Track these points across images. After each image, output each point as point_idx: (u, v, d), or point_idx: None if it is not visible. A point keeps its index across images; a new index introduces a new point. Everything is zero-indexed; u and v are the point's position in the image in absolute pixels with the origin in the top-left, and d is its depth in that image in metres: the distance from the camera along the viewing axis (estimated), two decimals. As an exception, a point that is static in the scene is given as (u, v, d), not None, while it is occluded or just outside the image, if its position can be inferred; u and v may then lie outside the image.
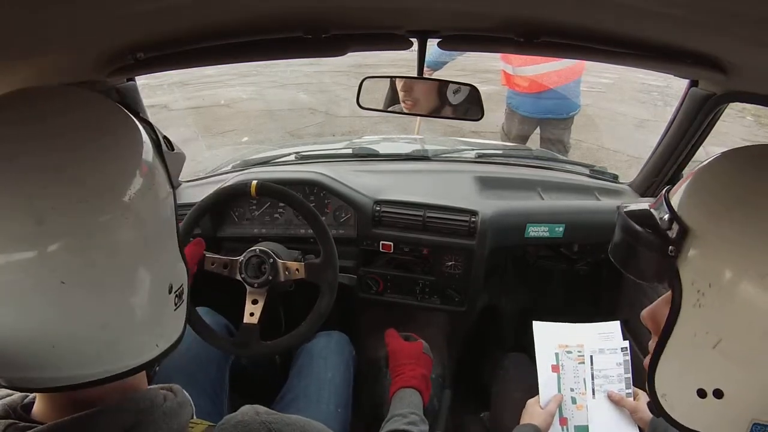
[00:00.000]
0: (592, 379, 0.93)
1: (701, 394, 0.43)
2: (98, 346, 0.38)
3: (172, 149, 0.47)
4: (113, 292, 0.38)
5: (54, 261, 0.35)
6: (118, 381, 0.41)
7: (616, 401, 0.91)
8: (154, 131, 0.44)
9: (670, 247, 0.43)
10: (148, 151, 0.42)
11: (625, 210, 0.49)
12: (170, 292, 0.44)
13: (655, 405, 0.48)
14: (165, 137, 0.47)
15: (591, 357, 0.95)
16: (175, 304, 0.45)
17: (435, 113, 1.01)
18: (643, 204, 0.50)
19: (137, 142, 0.42)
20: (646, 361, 0.51)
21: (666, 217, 0.45)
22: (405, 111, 1.01)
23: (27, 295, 0.35)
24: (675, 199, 0.46)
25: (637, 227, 0.46)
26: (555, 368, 0.95)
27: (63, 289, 0.35)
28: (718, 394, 0.42)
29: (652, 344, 0.50)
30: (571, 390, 0.93)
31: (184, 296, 0.47)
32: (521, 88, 2.38)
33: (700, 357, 0.43)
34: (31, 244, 0.34)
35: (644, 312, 0.52)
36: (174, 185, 0.45)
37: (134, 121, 0.43)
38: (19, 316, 0.35)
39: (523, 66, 2.31)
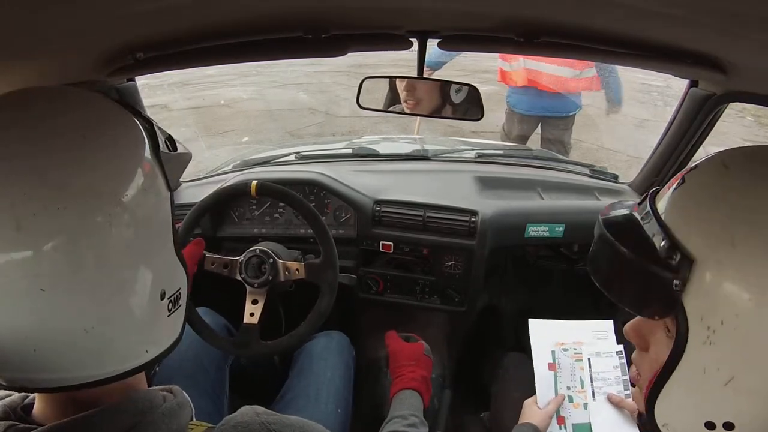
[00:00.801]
0: (591, 381, 0.94)
1: (710, 426, 0.40)
2: (82, 350, 0.38)
3: (175, 149, 0.46)
4: (101, 296, 0.37)
5: (44, 263, 0.34)
6: (115, 382, 0.41)
7: (616, 403, 0.91)
8: (154, 131, 0.43)
9: (675, 282, 0.38)
10: (146, 151, 0.41)
11: (604, 217, 0.44)
12: (162, 298, 0.42)
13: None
14: (169, 137, 0.45)
15: (589, 360, 0.95)
16: (169, 310, 0.43)
17: (435, 113, 1.01)
18: (624, 209, 0.45)
19: (136, 142, 0.41)
20: (632, 371, 0.48)
21: (664, 244, 0.39)
22: (405, 111, 1.01)
23: (11, 297, 0.35)
24: (662, 205, 0.42)
25: (632, 255, 0.40)
26: (552, 366, 0.95)
27: (48, 292, 0.35)
28: (729, 426, 0.39)
29: (635, 356, 0.48)
30: (568, 388, 0.93)
31: (181, 301, 0.46)
32: (515, 83, 2.37)
33: (709, 392, 0.39)
34: (21, 245, 0.34)
35: (627, 327, 0.48)
36: (172, 187, 0.44)
37: (134, 121, 0.42)
38: (3, 317, 0.35)
39: (517, 61, 2.31)
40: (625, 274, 0.42)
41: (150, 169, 0.41)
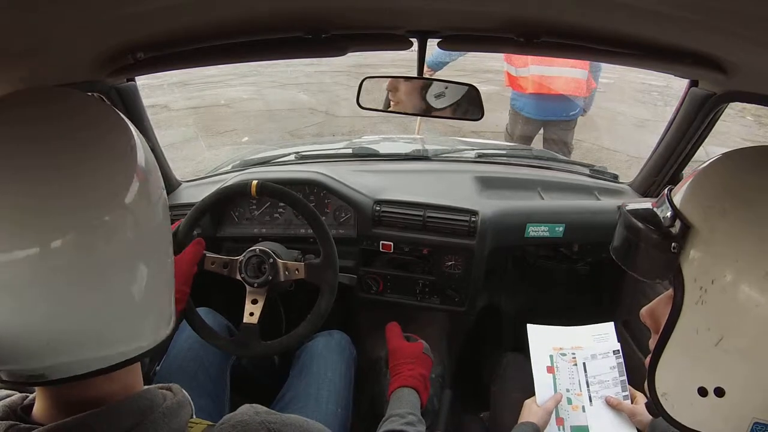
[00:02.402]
0: (588, 386, 0.93)
1: (702, 392, 0.43)
2: (89, 334, 0.39)
3: None
4: (108, 285, 0.38)
5: (57, 257, 0.35)
6: (117, 382, 0.41)
7: (614, 406, 0.90)
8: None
9: (673, 244, 0.43)
10: (144, 151, 0.42)
11: (627, 208, 0.49)
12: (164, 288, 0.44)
13: (654, 404, 0.47)
14: None
15: (584, 364, 0.95)
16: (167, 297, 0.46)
17: (434, 113, 1.01)
18: (645, 203, 0.50)
19: (134, 143, 0.42)
20: (647, 359, 0.51)
21: (669, 214, 0.45)
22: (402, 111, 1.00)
23: (27, 288, 0.35)
24: (677, 198, 0.46)
25: (640, 224, 0.46)
26: (550, 369, 0.95)
27: (61, 284, 0.36)
28: (720, 392, 0.42)
29: (652, 343, 0.50)
30: (567, 390, 0.93)
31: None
32: (524, 89, 2.38)
33: (701, 355, 0.42)
34: (33, 240, 0.35)
35: (644, 310, 0.51)
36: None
37: (127, 123, 0.43)
38: (23, 307, 0.35)
39: (526, 66, 2.31)
40: (637, 244, 0.47)
41: (150, 167, 0.42)
